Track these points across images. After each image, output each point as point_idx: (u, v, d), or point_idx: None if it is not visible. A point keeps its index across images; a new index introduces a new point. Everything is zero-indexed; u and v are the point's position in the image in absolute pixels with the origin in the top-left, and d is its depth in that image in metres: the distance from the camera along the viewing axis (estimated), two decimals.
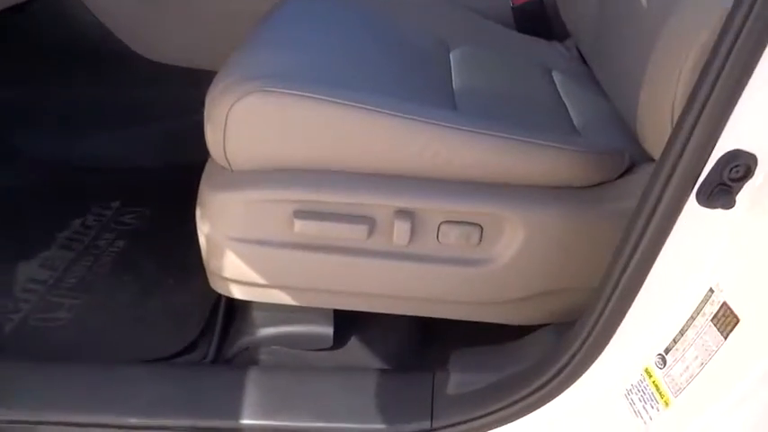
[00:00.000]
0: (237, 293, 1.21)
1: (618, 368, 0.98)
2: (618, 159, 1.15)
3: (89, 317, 1.39)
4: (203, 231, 1.17)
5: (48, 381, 1.19)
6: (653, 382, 0.94)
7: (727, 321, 0.85)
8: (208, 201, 1.15)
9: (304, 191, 1.12)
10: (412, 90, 1.21)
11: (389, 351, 1.30)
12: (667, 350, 0.93)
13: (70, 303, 1.42)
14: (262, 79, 1.10)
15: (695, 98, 0.81)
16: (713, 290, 0.87)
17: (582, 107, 1.33)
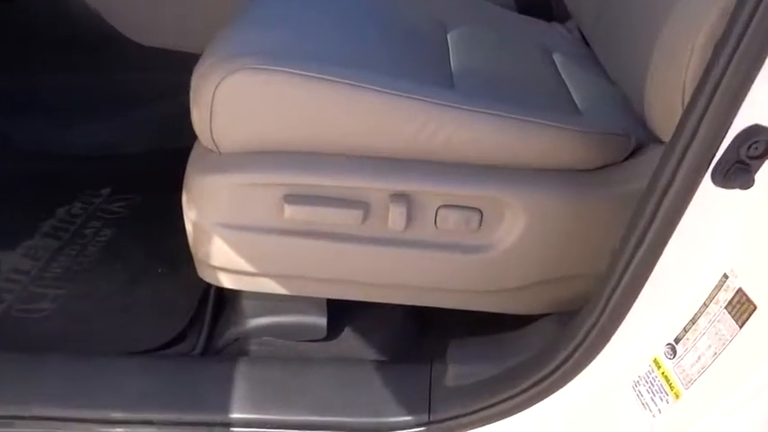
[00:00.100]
0: (226, 282, 1.20)
1: (625, 358, 0.96)
2: (623, 141, 1.14)
3: (73, 307, 1.38)
4: (190, 217, 1.16)
5: (29, 374, 1.17)
6: (662, 373, 0.93)
7: (742, 309, 0.83)
8: (194, 185, 1.14)
9: (294, 174, 1.10)
10: (408, 69, 1.20)
11: (385, 342, 1.28)
12: (677, 339, 0.91)
13: (54, 294, 1.41)
14: (250, 56, 1.08)
15: (711, 70, 0.79)
16: (727, 275, 0.85)
17: (584, 89, 1.32)
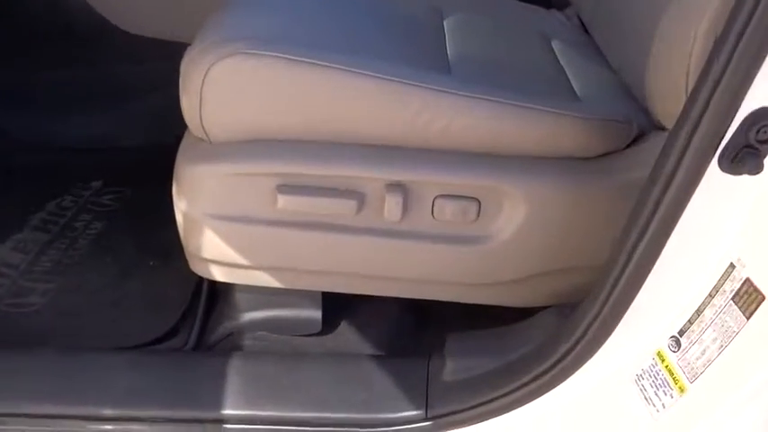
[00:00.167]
0: (218, 275, 1.19)
1: (627, 352, 0.94)
2: (625, 127, 1.13)
3: (63, 302, 1.36)
4: (180, 209, 1.14)
5: (16, 370, 1.15)
6: (666, 367, 0.91)
7: (750, 300, 0.81)
8: (184, 175, 1.12)
9: (288, 163, 1.08)
10: (403, 55, 1.18)
11: (381, 336, 1.28)
12: (682, 332, 0.89)
13: (43, 288, 1.39)
14: (241, 41, 1.07)
15: (719, 52, 0.78)
16: (734, 265, 0.83)
17: (584, 76, 1.31)
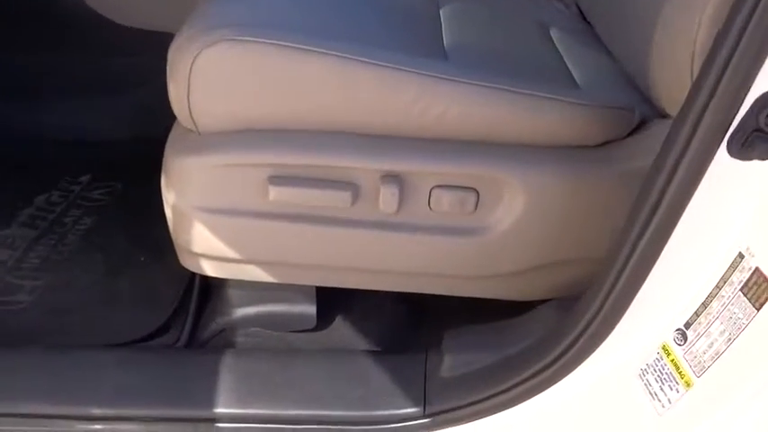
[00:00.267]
0: (209, 270, 1.17)
1: (631, 346, 0.93)
2: (626, 115, 1.11)
3: (52, 299, 1.35)
4: (169, 202, 1.13)
5: (3, 369, 1.13)
6: (671, 361, 0.89)
7: (760, 290, 0.79)
8: (173, 167, 1.10)
9: (279, 153, 1.07)
10: (398, 41, 1.17)
11: (377, 331, 1.27)
12: (688, 325, 0.87)
13: (31, 285, 1.37)
14: (230, 27, 1.05)
15: (727, 33, 0.76)
16: (743, 255, 0.81)
17: (583, 64, 1.29)
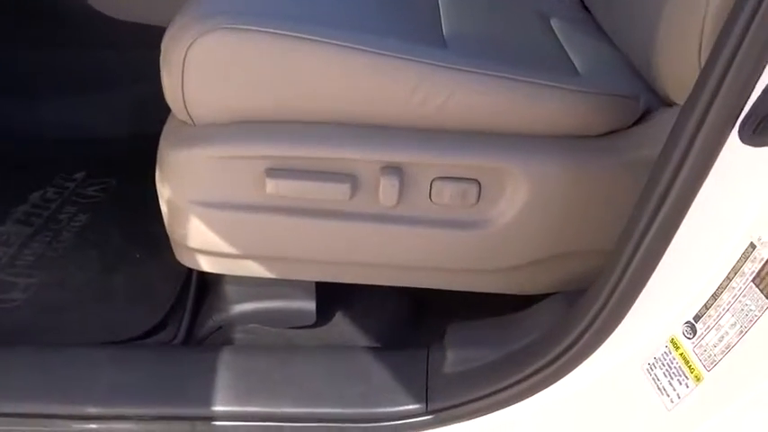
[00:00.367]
0: (205, 265, 1.16)
1: (638, 340, 0.92)
2: (631, 103, 1.10)
3: (47, 297, 1.34)
4: (164, 196, 1.12)
5: None
6: (680, 355, 0.87)
7: None
8: (168, 160, 1.09)
9: (276, 145, 1.06)
10: (397, 29, 1.15)
11: (378, 327, 1.26)
12: (697, 317, 0.85)
13: (26, 283, 1.37)
14: (225, 15, 1.03)
15: (737, 17, 0.75)
16: (755, 245, 0.79)
17: (585, 53, 1.28)
